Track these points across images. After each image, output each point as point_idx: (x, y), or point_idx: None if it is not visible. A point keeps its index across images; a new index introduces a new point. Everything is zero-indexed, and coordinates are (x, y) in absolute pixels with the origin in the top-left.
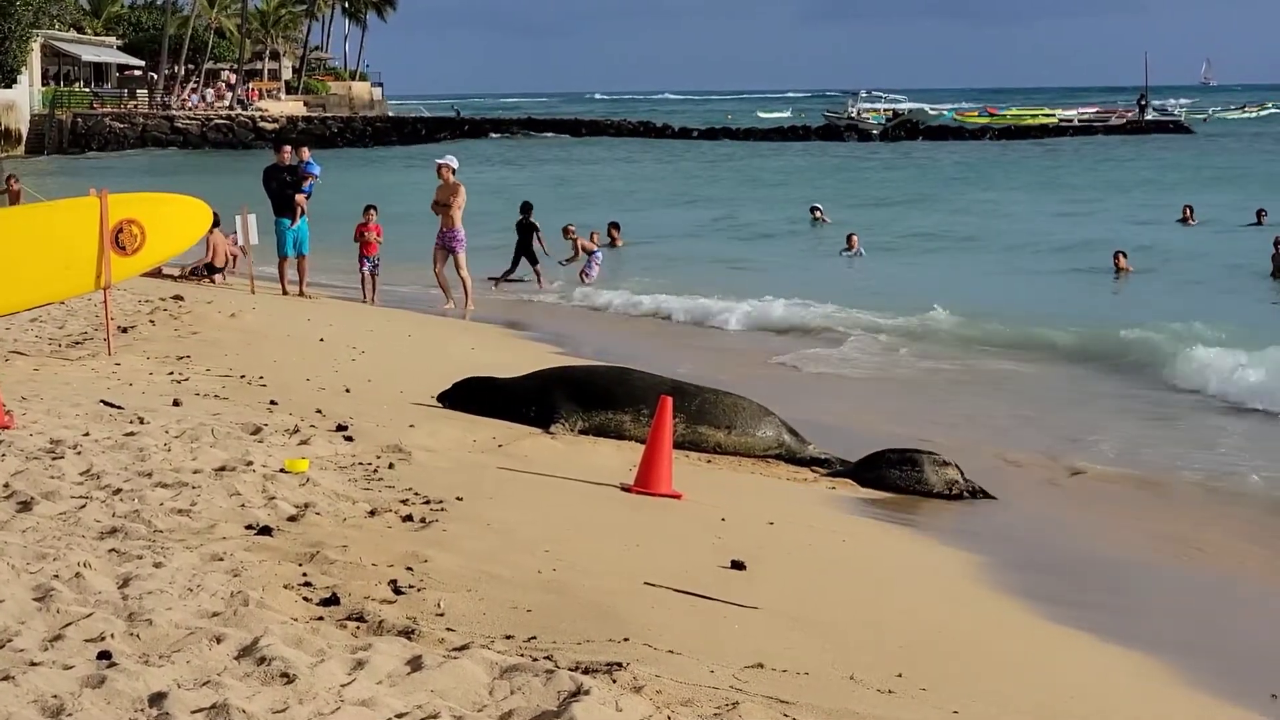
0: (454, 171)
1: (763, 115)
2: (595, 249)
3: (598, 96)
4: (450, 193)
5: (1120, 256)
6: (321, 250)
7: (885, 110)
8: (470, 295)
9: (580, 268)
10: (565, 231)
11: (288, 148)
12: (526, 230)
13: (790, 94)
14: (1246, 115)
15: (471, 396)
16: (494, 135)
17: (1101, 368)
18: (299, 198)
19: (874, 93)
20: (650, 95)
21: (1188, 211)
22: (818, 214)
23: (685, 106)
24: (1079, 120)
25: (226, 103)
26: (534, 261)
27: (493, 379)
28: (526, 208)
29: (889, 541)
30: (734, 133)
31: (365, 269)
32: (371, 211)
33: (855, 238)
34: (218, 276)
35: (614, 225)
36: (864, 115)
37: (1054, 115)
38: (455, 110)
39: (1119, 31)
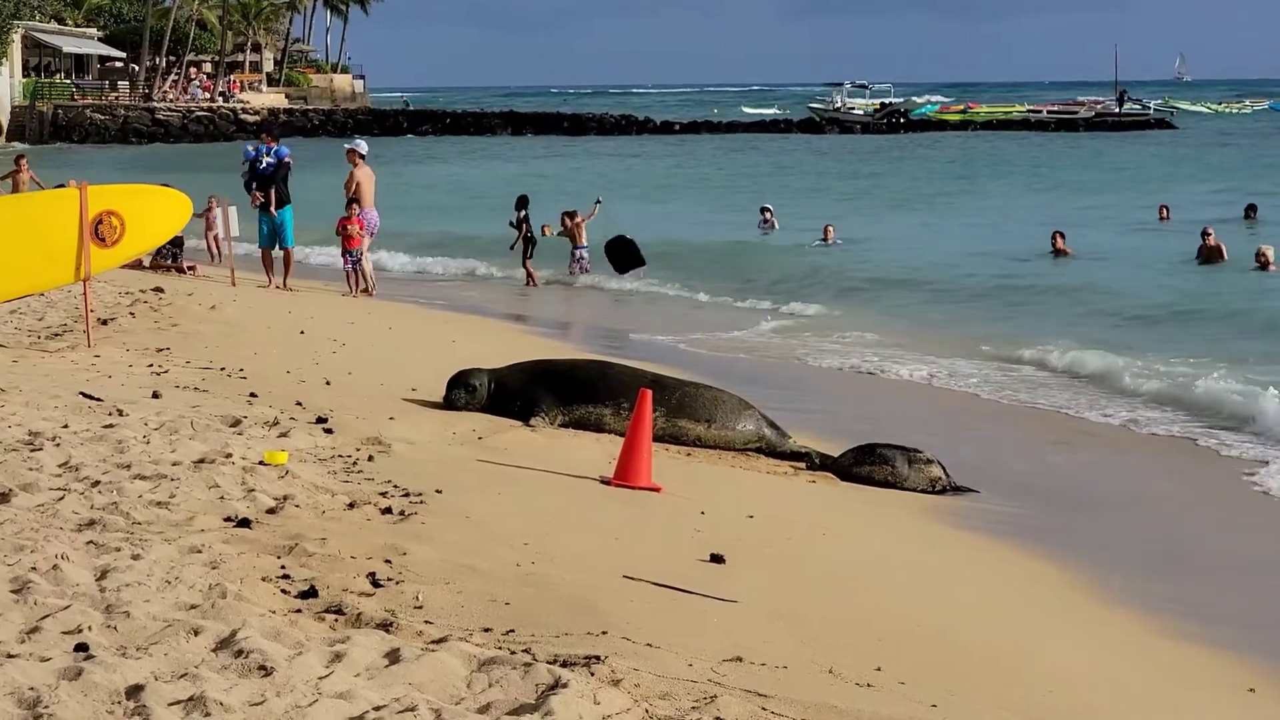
0: (363, 157)
1: (748, 110)
2: (584, 243)
3: (580, 89)
4: (361, 176)
5: (1058, 237)
6: (305, 242)
7: (873, 103)
8: (365, 280)
9: (570, 260)
10: (563, 219)
11: (264, 138)
12: (523, 224)
13: (774, 87)
14: (1228, 111)
15: (468, 388)
16: (473, 132)
17: None
18: (273, 187)
19: (858, 85)
20: (634, 89)
21: (1164, 211)
22: (768, 215)
23: (671, 100)
24: (1046, 114)
25: (208, 96)
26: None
27: (480, 370)
28: (523, 202)
29: (869, 536)
30: (716, 126)
31: (348, 263)
32: (354, 205)
33: (831, 229)
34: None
35: (568, 215)
36: (849, 108)
37: (1022, 110)
38: (405, 102)
39: (1097, 26)
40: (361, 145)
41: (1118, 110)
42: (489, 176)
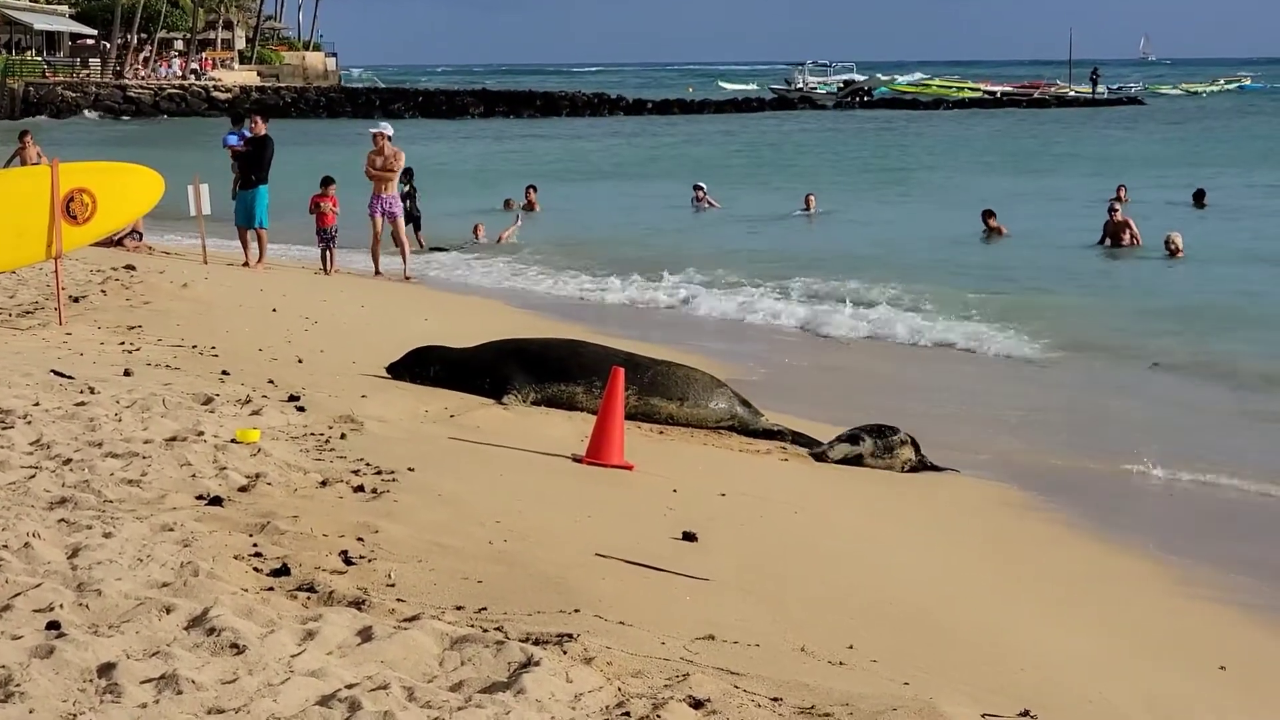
0: (390, 139)
1: (725, 86)
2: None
3: (558, 67)
4: (391, 160)
5: (989, 216)
6: (278, 222)
7: (837, 80)
8: (408, 260)
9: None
10: (527, 192)
11: (256, 117)
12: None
13: (749, 66)
14: (1203, 91)
15: (423, 367)
16: (445, 111)
17: None
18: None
19: (819, 64)
20: (613, 67)
21: (1121, 192)
22: (701, 194)
23: (648, 79)
24: (1001, 94)
25: (176, 71)
26: (417, 227)
27: (444, 349)
28: (408, 174)
29: (841, 514)
30: (688, 105)
31: (322, 242)
32: (331, 184)
33: (813, 198)
34: (128, 240)
35: (531, 188)
36: (811, 86)
37: (976, 88)
38: (340, 78)
39: (1066, 6)
40: (389, 128)
41: (1091, 90)
42: (459, 155)
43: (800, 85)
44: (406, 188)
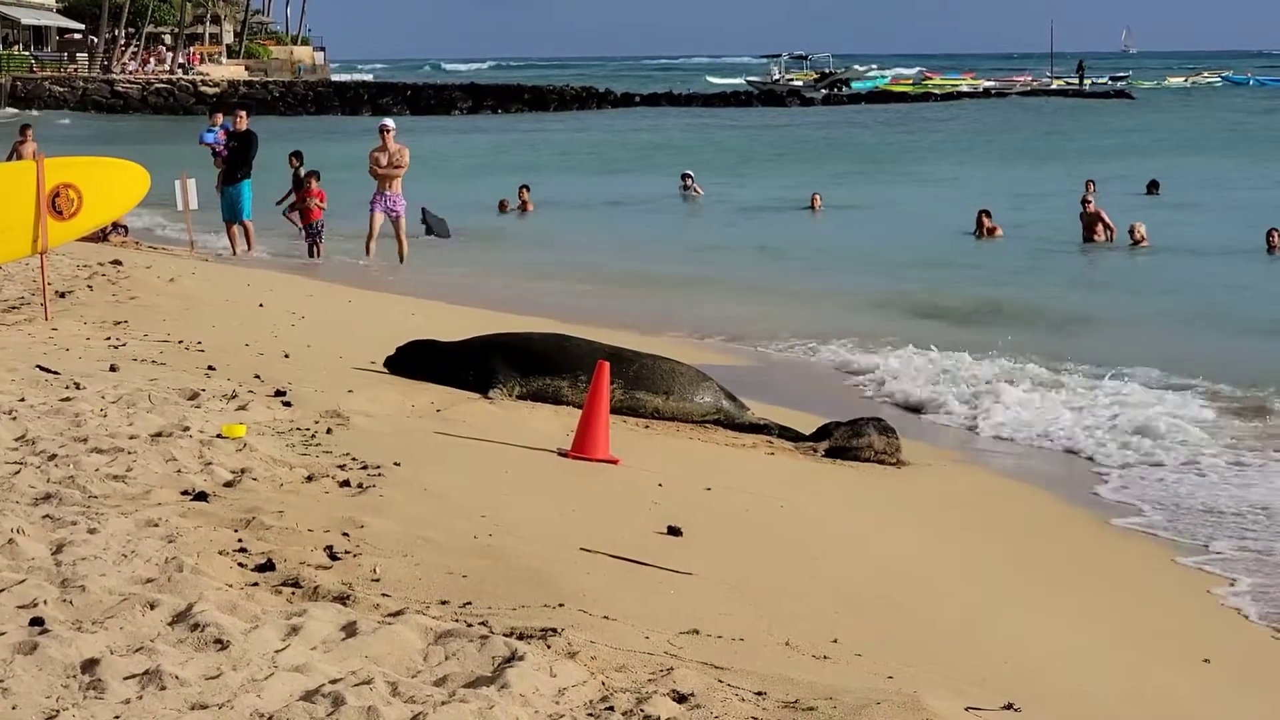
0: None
1: (712, 80)
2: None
3: (550, 61)
4: (396, 156)
5: (984, 216)
6: (264, 216)
7: (811, 74)
8: (404, 257)
9: None
10: (521, 192)
11: (241, 112)
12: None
13: (727, 59)
14: (1188, 84)
15: (417, 361)
16: (434, 104)
17: None
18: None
19: (796, 56)
20: (592, 60)
21: (1090, 186)
22: (689, 182)
23: (638, 71)
24: (983, 88)
25: (166, 66)
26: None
27: (436, 343)
28: (300, 156)
29: (826, 508)
30: (676, 98)
31: (309, 236)
32: (312, 178)
33: (818, 197)
34: (113, 235)
35: (524, 188)
36: (788, 79)
37: (962, 83)
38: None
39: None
40: (391, 123)
41: (1079, 82)
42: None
43: (776, 78)
44: (304, 172)
